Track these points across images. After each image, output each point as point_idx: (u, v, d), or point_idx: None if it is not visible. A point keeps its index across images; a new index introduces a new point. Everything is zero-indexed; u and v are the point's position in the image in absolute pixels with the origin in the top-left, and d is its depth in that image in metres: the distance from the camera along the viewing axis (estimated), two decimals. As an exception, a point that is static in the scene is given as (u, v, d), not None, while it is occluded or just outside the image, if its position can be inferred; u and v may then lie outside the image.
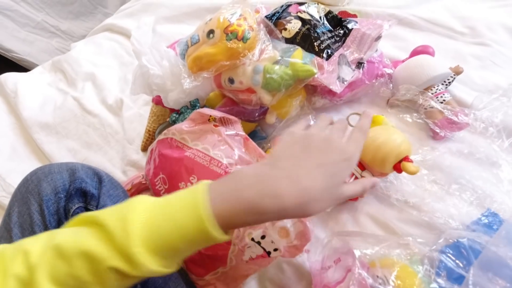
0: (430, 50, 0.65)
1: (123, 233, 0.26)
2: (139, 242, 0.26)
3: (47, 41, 1.63)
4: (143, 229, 0.27)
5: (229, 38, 0.50)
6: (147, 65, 0.55)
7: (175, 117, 0.60)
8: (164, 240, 0.27)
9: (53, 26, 1.63)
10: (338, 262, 0.39)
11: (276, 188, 0.29)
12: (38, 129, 0.77)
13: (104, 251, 0.26)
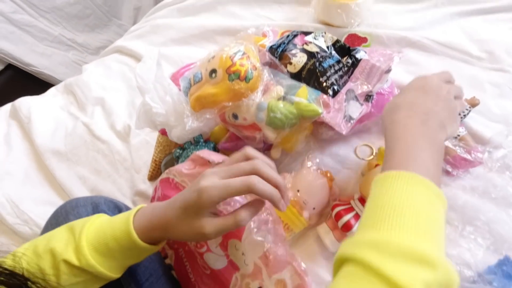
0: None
1: (78, 235, 0.36)
2: (85, 239, 0.36)
3: (64, 53, 1.68)
4: (92, 232, 0.37)
5: (232, 78, 0.50)
6: (150, 103, 0.55)
7: (179, 152, 0.60)
8: (101, 238, 0.36)
9: (70, 39, 1.67)
10: None
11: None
12: (50, 155, 0.78)
13: (63, 248, 0.36)
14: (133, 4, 1.86)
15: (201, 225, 0.35)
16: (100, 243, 0.36)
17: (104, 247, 0.36)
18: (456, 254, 0.48)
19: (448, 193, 0.54)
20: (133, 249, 0.37)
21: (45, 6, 1.54)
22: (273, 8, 0.91)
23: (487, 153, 0.52)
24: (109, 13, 1.78)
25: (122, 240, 0.36)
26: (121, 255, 0.37)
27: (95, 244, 0.36)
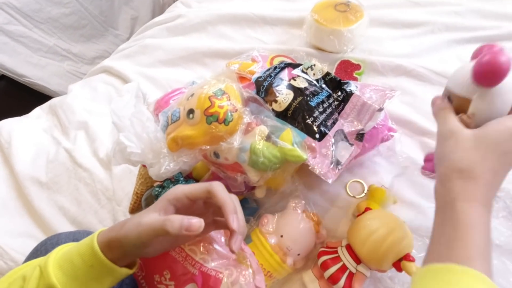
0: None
1: (48, 256, 0.36)
2: (53, 257, 0.35)
3: (59, 64, 1.65)
4: (61, 251, 0.37)
5: (210, 120, 0.46)
6: (125, 142, 0.51)
7: (158, 191, 0.57)
8: (67, 255, 0.36)
9: (65, 50, 1.65)
10: None
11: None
12: (29, 183, 0.75)
13: (31, 270, 0.36)
14: (130, 14, 1.84)
15: (144, 214, 0.36)
16: (66, 260, 0.35)
17: (69, 264, 0.35)
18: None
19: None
20: (96, 266, 0.35)
21: (39, 17, 1.52)
22: (265, 30, 0.88)
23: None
24: (106, 23, 1.76)
25: (85, 255, 0.35)
26: (83, 274, 0.35)
27: (60, 262, 0.35)
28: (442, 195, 0.33)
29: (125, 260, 0.37)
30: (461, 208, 0.30)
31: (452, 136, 0.34)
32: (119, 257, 0.36)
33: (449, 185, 0.32)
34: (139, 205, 0.67)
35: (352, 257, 0.49)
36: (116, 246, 0.36)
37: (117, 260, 0.36)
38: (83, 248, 0.36)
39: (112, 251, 0.36)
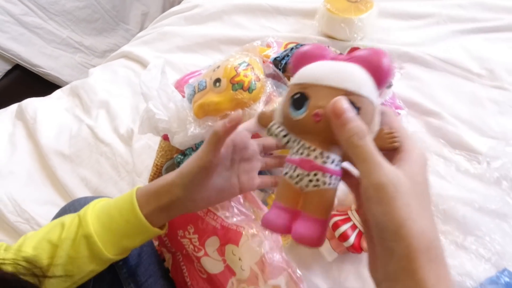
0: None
1: (86, 207, 0.39)
2: (91, 208, 0.38)
3: (71, 56, 1.70)
4: (99, 204, 0.39)
5: (235, 88, 0.51)
6: (153, 109, 0.56)
7: (180, 158, 0.61)
8: (105, 207, 0.38)
9: (77, 42, 1.70)
10: None
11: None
12: (53, 156, 0.79)
13: (69, 221, 0.38)
14: (140, 10, 1.89)
15: (198, 153, 0.35)
16: (104, 212, 0.37)
17: (106, 216, 0.37)
18: (458, 264, 0.49)
19: (447, 205, 0.55)
20: (131, 221, 0.36)
21: (54, 9, 1.57)
22: (278, 20, 0.93)
23: (486, 163, 0.53)
24: (117, 17, 1.81)
25: (123, 209, 0.36)
26: (118, 227, 0.36)
27: (98, 213, 0.37)
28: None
29: (159, 219, 0.38)
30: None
31: (392, 193, 0.22)
32: (155, 214, 0.37)
33: (418, 273, 0.22)
34: (159, 176, 0.71)
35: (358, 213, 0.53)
36: (154, 201, 0.36)
37: (152, 217, 0.36)
38: (121, 202, 0.37)
39: (149, 206, 0.36)
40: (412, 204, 0.22)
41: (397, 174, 0.23)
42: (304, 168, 0.25)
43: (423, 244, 0.22)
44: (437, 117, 0.66)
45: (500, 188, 0.55)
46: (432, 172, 0.61)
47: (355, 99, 0.24)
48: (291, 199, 0.26)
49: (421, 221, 0.22)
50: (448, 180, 0.59)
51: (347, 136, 0.23)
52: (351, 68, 0.26)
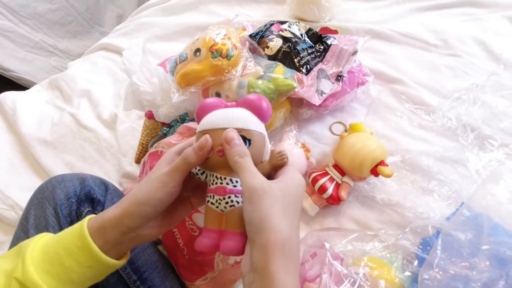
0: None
1: (22, 258, 0.30)
2: (31, 262, 0.30)
3: (45, 59, 1.66)
4: (38, 254, 0.31)
5: (214, 56, 0.54)
6: (138, 82, 0.58)
7: (166, 130, 0.64)
8: (52, 260, 0.30)
9: (51, 46, 1.66)
10: (314, 257, 0.41)
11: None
12: (35, 144, 0.79)
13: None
14: (115, 12, 1.88)
15: (158, 178, 0.32)
16: (53, 263, 0.30)
17: (59, 267, 0.30)
18: (425, 205, 0.54)
19: (413, 158, 0.61)
20: (95, 266, 0.32)
21: (25, 12, 1.54)
22: (252, 7, 0.98)
23: (441, 112, 0.60)
24: (92, 20, 1.79)
25: (79, 256, 0.31)
26: (79, 275, 0.31)
27: (45, 267, 0.30)
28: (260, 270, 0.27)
29: (111, 254, 0.32)
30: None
31: (260, 194, 0.27)
32: (105, 249, 0.32)
33: (273, 276, 0.26)
34: (144, 154, 0.73)
35: (338, 171, 0.58)
36: (101, 236, 0.32)
37: (107, 250, 0.32)
38: (73, 247, 0.31)
39: (105, 238, 0.32)
40: (276, 206, 0.27)
41: (268, 182, 0.29)
42: (220, 194, 0.31)
43: (280, 239, 0.26)
44: (400, 83, 0.72)
45: (456, 137, 0.61)
46: (398, 130, 0.67)
47: (245, 133, 0.31)
48: (215, 222, 0.31)
49: (280, 221, 0.27)
50: (412, 136, 0.65)
51: (233, 156, 0.30)
52: (238, 111, 0.32)
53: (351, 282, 0.36)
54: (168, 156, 0.34)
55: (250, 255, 0.28)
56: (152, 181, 0.32)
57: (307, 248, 0.43)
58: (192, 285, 0.54)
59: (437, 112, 0.60)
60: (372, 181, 0.60)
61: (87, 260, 0.31)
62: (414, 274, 0.41)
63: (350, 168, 0.56)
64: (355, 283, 0.36)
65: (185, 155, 0.32)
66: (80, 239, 0.31)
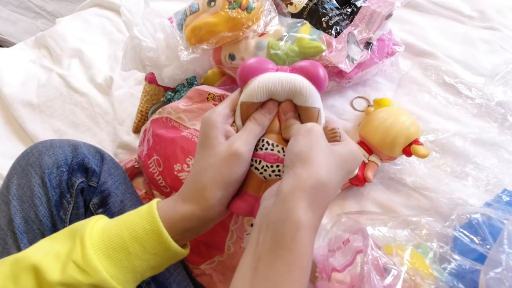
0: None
1: (80, 240, 0.27)
2: (90, 245, 0.26)
3: (32, 21, 1.54)
4: (98, 236, 0.27)
5: (232, 6, 0.46)
6: (139, 36, 0.50)
7: (170, 95, 0.56)
8: (114, 244, 0.27)
9: (38, 6, 1.54)
10: (346, 244, 0.36)
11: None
12: (19, 106, 0.71)
13: (53, 262, 0.26)
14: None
15: (234, 152, 0.29)
16: (115, 248, 0.27)
17: (122, 253, 0.27)
18: (459, 190, 0.49)
19: (446, 139, 0.55)
20: (161, 253, 0.28)
21: (7, -33, 1.41)
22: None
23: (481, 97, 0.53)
24: (83, -20, 1.65)
25: (147, 241, 0.28)
26: (142, 264, 0.28)
27: (106, 251, 0.27)
28: (280, 209, 0.25)
29: (182, 241, 0.30)
30: (302, 239, 0.24)
31: (318, 137, 0.27)
32: (179, 236, 0.29)
33: (296, 202, 0.24)
34: (143, 123, 0.65)
35: (365, 149, 0.52)
36: (193, 224, 0.29)
37: (177, 240, 0.29)
38: (140, 231, 0.28)
39: (175, 230, 0.29)
40: (321, 146, 0.27)
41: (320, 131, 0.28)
42: (269, 161, 0.30)
43: (315, 175, 0.25)
44: (431, 57, 0.66)
45: (495, 118, 0.55)
46: (427, 108, 0.60)
47: (300, 109, 0.30)
48: (255, 187, 0.30)
49: (323, 160, 0.26)
50: (443, 115, 0.59)
51: (287, 125, 0.30)
52: (295, 80, 0.30)
53: (394, 275, 0.30)
54: (219, 130, 0.30)
55: (280, 182, 0.26)
56: (229, 160, 0.29)
57: (341, 232, 0.37)
58: (196, 268, 0.49)
59: (484, 89, 0.54)
60: (400, 162, 0.54)
61: (154, 246, 0.28)
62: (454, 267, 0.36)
63: (380, 146, 0.50)
64: (399, 277, 0.30)
65: (259, 121, 0.30)
66: (149, 222, 0.28)
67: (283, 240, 0.24)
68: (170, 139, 0.47)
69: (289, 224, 0.24)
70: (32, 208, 0.39)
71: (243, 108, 0.31)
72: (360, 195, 0.54)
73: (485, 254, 0.32)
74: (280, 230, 0.24)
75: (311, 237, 0.24)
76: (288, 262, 0.23)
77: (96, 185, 0.44)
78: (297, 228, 0.23)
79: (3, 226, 0.38)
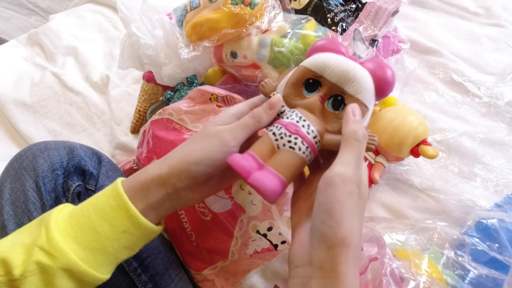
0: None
1: (46, 224, 0.26)
2: (56, 228, 0.26)
3: (25, 18, 1.51)
4: (64, 220, 0.27)
5: (235, 2, 0.44)
6: (137, 33, 0.48)
7: (170, 94, 0.54)
8: (84, 223, 0.26)
9: (31, 3, 1.51)
10: (373, 261, 0.34)
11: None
12: (12, 106, 0.68)
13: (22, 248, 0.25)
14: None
15: (217, 135, 0.28)
16: (83, 228, 0.26)
17: (90, 233, 0.26)
18: (467, 191, 0.48)
19: (453, 138, 0.54)
20: (131, 231, 0.27)
21: (-1, -39, 1.37)
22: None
23: (495, 97, 0.52)
24: (78, -24, 1.62)
25: (114, 219, 0.27)
26: (113, 243, 0.27)
27: (73, 233, 0.26)
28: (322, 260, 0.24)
29: (148, 218, 0.28)
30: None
31: (353, 189, 0.24)
32: (145, 213, 0.28)
33: (343, 264, 0.23)
34: (142, 123, 0.63)
35: (371, 149, 0.50)
36: (142, 198, 0.28)
37: (146, 213, 0.28)
38: (106, 208, 0.27)
39: (147, 199, 0.28)
40: (353, 203, 0.24)
41: (360, 176, 0.25)
42: (289, 130, 0.28)
43: (354, 240, 0.23)
44: (437, 54, 0.64)
45: (503, 117, 0.54)
46: (433, 107, 0.59)
47: (348, 98, 0.28)
48: (264, 153, 0.28)
49: (356, 221, 0.24)
50: (449, 115, 0.58)
51: (353, 131, 0.26)
52: (359, 72, 0.28)
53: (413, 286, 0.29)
54: (223, 117, 0.30)
55: (312, 247, 0.24)
56: (208, 138, 0.29)
57: (364, 248, 0.35)
58: (198, 274, 0.47)
59: (494, 88, 0.52)
60: (406, 162, 0.53)
61: (122, 222, 0.27)
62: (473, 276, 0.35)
63: (387, 146, 0.48)
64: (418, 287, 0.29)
65: (255, 114, 0.29)
66: (115, 198, 0.27)
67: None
68: (171, 142, 0.45)
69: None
70: (25, 213, 0.37)
71: (294, 73, 0.30)
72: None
73: (504, 262, 0.31)
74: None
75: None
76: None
77: (94, 188, 0.42)
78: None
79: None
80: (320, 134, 0.28)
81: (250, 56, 0.50)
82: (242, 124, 0.29)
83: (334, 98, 0.29)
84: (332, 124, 0.28)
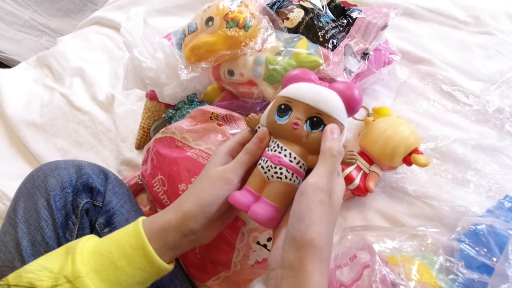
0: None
1: (72, 258, 0.29)
2: (80, 261, 0.29)
3: (36, 39, 1.57)
4: (88, 253, 0.30)
5: (230, 25, 0.47)
6: (139, 57, 0.51)
7: (172, 113, 0.57)
8: (104, 258, 0.29)
9: (42, 24, 1.57)
10: (353, 259, 0.36)
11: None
12: (23, 127, 0.72)
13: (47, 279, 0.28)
14: (109, -12, 1.77)
15: (221, 176, 0.32)
16: (104, 263, 0.29)
17: (110, 267, 0.29)
18: (461, 197, 0.49)
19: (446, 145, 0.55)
20: (146, 268, 0.30)
21: (12, -13, 1.44)
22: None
23: (485, 101, 0.54)
24: (85, -3, 1.69)
25: (132, 256, 0.29)
26: (128, 279, 0.29)
27: (96, 266, 0.29)
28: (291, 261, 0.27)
29: (165, 258, 0.32)
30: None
31: (325, 198, 0.28)
32: (161, 253, 0.31)
33: (309, 267, 0.26)
34: (146, 139, 0.66)
35: (365, 159, 0.52)
36: (160, 239, 0.31)
37: (163, 252, 0.31)
38: (126, 246, 0.30)
39: (156, 245, 0.31)
40: (324, 211, 0.27)
41: (332, 188, 0.28)
42: (274, 162, 0.31)
43: (321, 243, 0.26)
44: (428, 64, 0.66)
45: (494, 124, 0.56)
46: (426, 115, 0.61)
47: (325, 118, 0.31)
48: (257, 186, 0.32)
49: (325, 226, 0.27)
50: (442, 122, 0.59)
51: (330, 147, 0.29)
52: (329, 93, 0.31)
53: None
54: (219, 157, 0.34)
55: (284, 250, 0.27)
56: (214, 180, 0.32)
57: (347, 250, 0.37)
58: (202, 285, 0.49)
59: (481, 96, 0.54)
60: (401, 170, 0.54)
61: (139, 260, 0.30)
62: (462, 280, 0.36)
63: (380, 156, 0.50)
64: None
65: (248, 150, 0.33)
66: (135, 237, 0.30)
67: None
68: (174, 159, 0.47)
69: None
70: (38, 230, 0.40)
71: (277, 101, 0.33)
72: (363, 205, 0.54)
73: (492, 266, 0.32)
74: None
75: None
76: None
77: (101, 205, 0.45)
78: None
79: (11, 250, 0.39)
80: (303, 157, 0.31)
81: (246, 73, 0.52)
82: (240, 162, 0.33)
83: (310, 120, 0.31)
84: (313, 144, 0.31)
